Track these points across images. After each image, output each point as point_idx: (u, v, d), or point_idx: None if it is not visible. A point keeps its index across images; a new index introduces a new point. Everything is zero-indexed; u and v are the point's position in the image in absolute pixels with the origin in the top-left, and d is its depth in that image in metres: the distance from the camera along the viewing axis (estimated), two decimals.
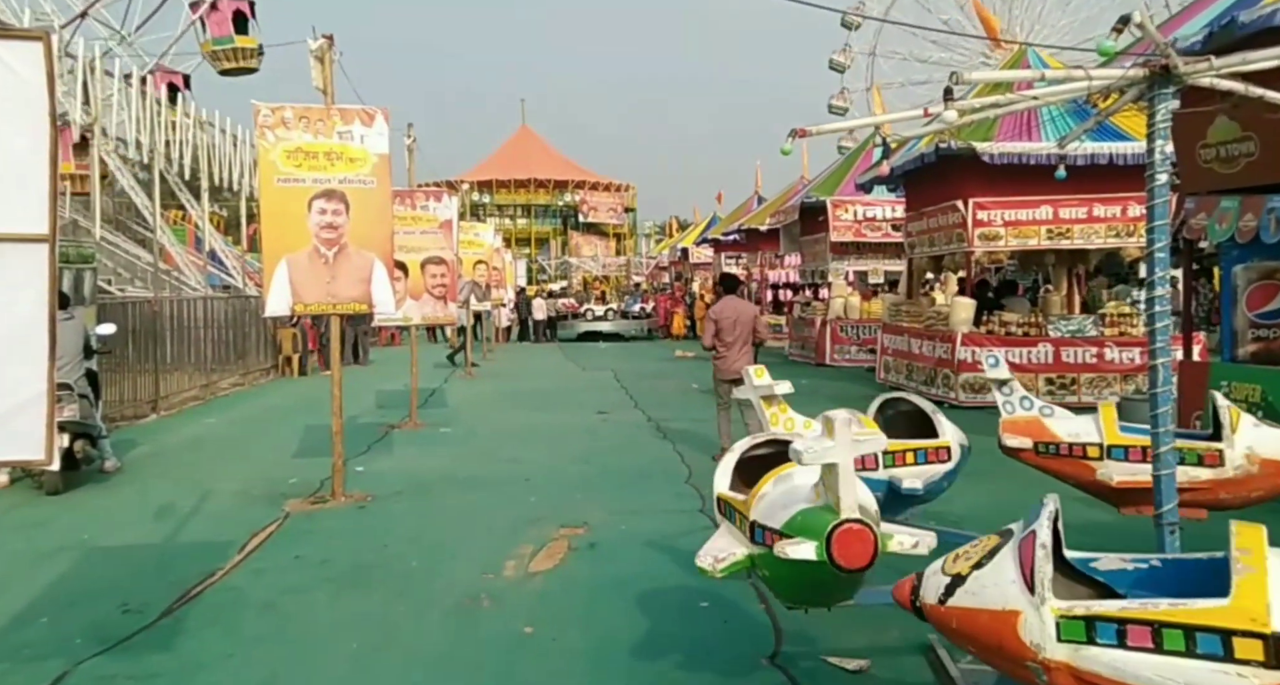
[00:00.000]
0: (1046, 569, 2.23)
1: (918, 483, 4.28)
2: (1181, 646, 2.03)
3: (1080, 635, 2.15)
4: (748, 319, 7.88)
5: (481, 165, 60.86)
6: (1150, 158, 3.43)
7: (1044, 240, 11.43)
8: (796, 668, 3.63)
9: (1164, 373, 3.49)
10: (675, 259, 37.00)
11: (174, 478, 7.54)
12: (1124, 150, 10.43)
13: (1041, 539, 2.27)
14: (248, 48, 26.83)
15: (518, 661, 3.79)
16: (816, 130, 4.00)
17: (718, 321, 7.88)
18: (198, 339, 13.22)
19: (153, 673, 3.70)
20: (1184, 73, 3.14)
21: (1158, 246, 3.49)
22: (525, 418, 10.86)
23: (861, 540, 2.54)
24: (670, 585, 4.66)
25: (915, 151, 11.40)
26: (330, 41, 6.90)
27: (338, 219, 6.57)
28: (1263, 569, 2.00)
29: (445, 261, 10.77)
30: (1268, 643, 1.92)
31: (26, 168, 2.60)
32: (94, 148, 18.41)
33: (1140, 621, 2.07)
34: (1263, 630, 1.94)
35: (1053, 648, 2.16)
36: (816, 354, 17.10)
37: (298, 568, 5.09)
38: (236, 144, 25.26)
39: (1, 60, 2.57)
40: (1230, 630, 1.97)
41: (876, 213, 16.97)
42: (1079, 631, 2.15)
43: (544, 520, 5.93)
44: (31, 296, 2.58)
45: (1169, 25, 5.59)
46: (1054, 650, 2.16)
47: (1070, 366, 10.88)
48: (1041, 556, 2.25)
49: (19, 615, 4.37)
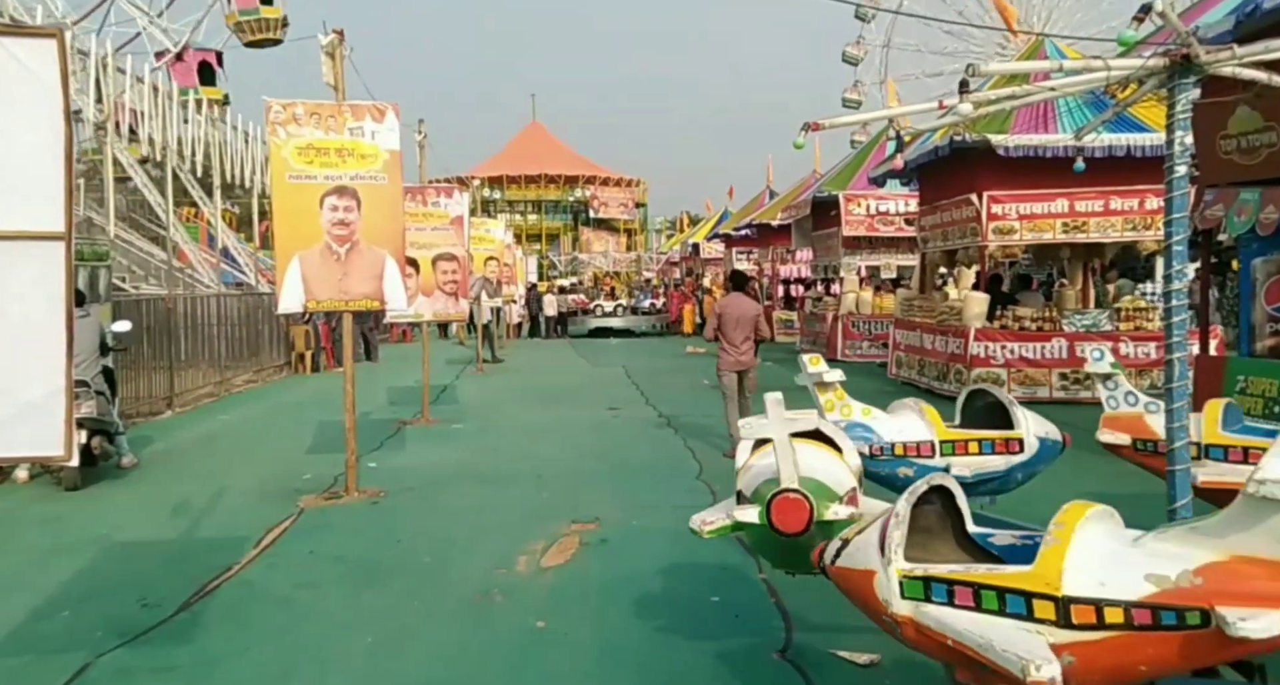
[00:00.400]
0: (895, 535, 2.51)
1: (966, 471, 4.25)
2: (995, 606, 2.31)
3: (920, 594, 2.43)
4: (751, 316, 8.05)
5: (492, 160, 60.90)
6: (1169, 149, 3.39)
7: (1059, 234, 11.30)
8: (807, 662, 3.62)
9: (1180, 367, 3.46)
10: (686, 254, 36.92)
11: (190, 474, 7.60)
12: (1142, 142, 10.31)
13: (897, 509, 2.55)
14: (273, 18, 27.01)
15: (530, 656, 3.80)
16: (829, 123, 3.97)
17: (721, 316, 8.07)
18: (212, 336, 13.30)
19: (171, 666, 3.73)
20: (1205, 62, 3.10)
21: (1176, 240, 3.45)
22: (537, 414, 10.88)
23: (796, 508, 2.85)
24: (681, 581, 4.66)
25: (929, 144, 11.31)
26: (341, 37, 6.90)
27: (349, 215, 6.58)
28: (1066, 542, 2.26)
29: (457, 258, 10.79)
30: (1058, 604, 2.19)
31: (41, 165, 2.62)
32: (107, 145, 18.54)
33: (964, 583, 2.36)
34: (1055, 593, 2.21)
35: (898, 604, 2.46)
36: (828, 349, 17.03)
37: (312, 563, 5.12)
38: (248, 141, 25.37)
39: (15, 57, 2.58)
40: (1031, 593, 2.25)
41: (889, 207, 16.86)
42: (918, 590, 2.43)
43: (555, 516, 5.94)
44: (48, 294, 2.60)
45: (1190, 14, 5.52)
46: (899, 606, 2.46)
47: (1085, 361, 10.78)
48: (893, 524, 2.53)
49: (41, 608, 4.42)
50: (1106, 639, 2.17)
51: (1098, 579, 2.20)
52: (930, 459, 4.24)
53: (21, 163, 2.60)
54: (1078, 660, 2.20)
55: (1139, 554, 2.23)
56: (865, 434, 4.31)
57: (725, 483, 3.69)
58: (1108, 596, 2.17)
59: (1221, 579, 2.08)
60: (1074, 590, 2.21)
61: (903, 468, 4.29)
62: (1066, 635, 2.20)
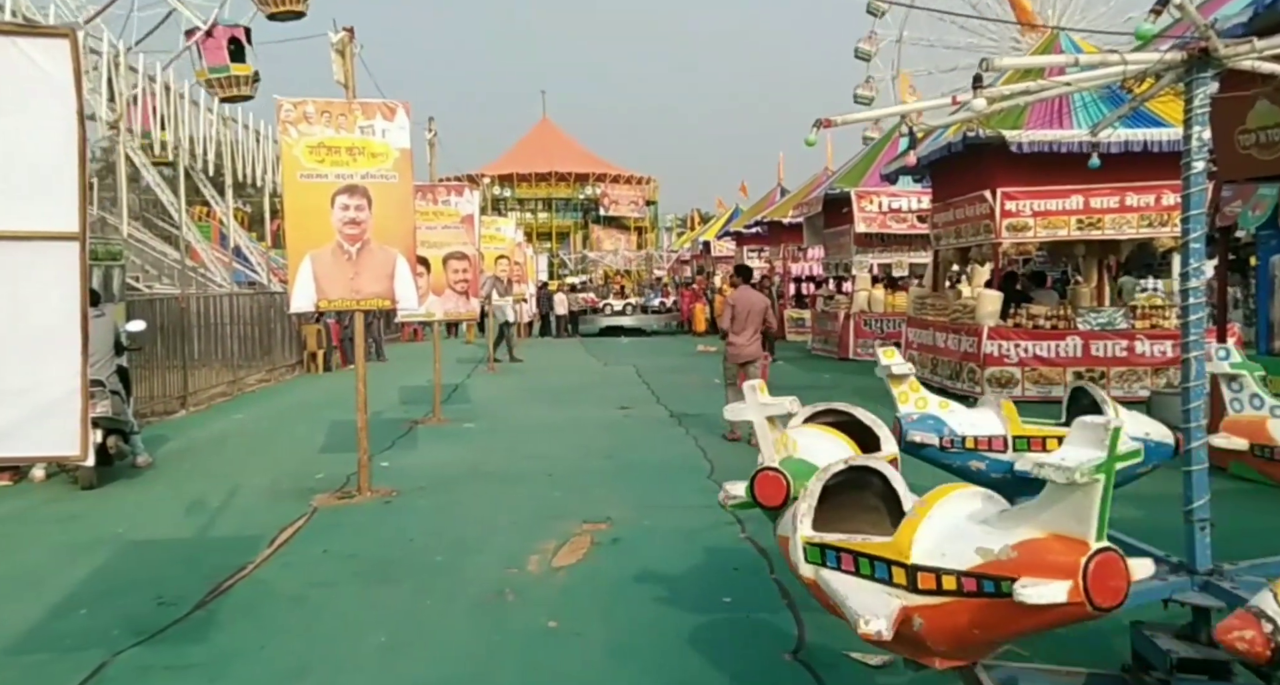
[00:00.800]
0: (802, 507, 2.80)
1: (1027, 465, 4.24)
2: (868, 571, 2.60)
3: (818, 559, 2.72)
4: (759, 309, 8.80)
5: (502, 159, 60.94)
6: (1187, 145, 3.34)
7: (1074, 231, 11.17)
8: (819, 663, 3.61)
9: (1198, 366, 3.41)
10: (697, 252, 36.87)
11: (204, 473, 7.65)
12: (1158, 137, 10.19)
13: (810, 486, 2.83)
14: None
15: (542, 655, 3.80)
16: (841, 120, 3.94)
17: (734, 307, 8.78)
18: (224, 335, 13.37)
19: (189, 663, 3.75)
20: (1224, 56, 3.05)
21: (1193, 237, 3.41)
22: (548, 413, 10.89)
23: (773, 484, 3.09)
24: (693, 581, 4.66)
25: (942, 141, 11.23)
26: (351, 35, 6.90)
27: (360, 214, 6.59)
28: (922, 517, 2.53)
29: (467, 257, 10.79)
30: (908, 571, 2.48)
31: (55, 165, 2.63)
32: (120, 145, 18.69)
33: (848, 551, 2.65)
34: (905, 561, 2.48)
35: (804, 567, 2.75)
36: (839, 348, 16.97)
37: (326, 562, 5.13)
38: (259, 139, 25.50)
39: (29, 57, 2.59)
40: (889, 560, 2.53)
41: (902, 204, 16.75)
42: (817, 556, 2.73)
43: (567, 515, 5.94)
44: (64, 293, 2.61)
45: (1208, 6, 5.45)
46: (804, 569, 2.75)
47: (1100, 360, 10.70)
48: (804, 497, 2.82)
49: (58, 606, 4.45)
50: (945, 604, 2.41)
51: (941, 550, 2.46)
52: (1002, 454, 4.23)
53: (36, 163, 2.61)
54: (925, 622, 2.45)
55: (979, 529, 2.45)
56: (937, 426, 4.35)
57: None
58: (945, 566, 2.41)
59: (1031, 553, 2.28)
60: (920, 559, 2.47)
61: (974, 461, 4.29)
62: (916, 599, 2.46)
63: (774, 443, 3.63)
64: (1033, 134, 10.59)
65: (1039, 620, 2.29)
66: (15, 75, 2.58)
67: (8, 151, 2.58)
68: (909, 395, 4.48)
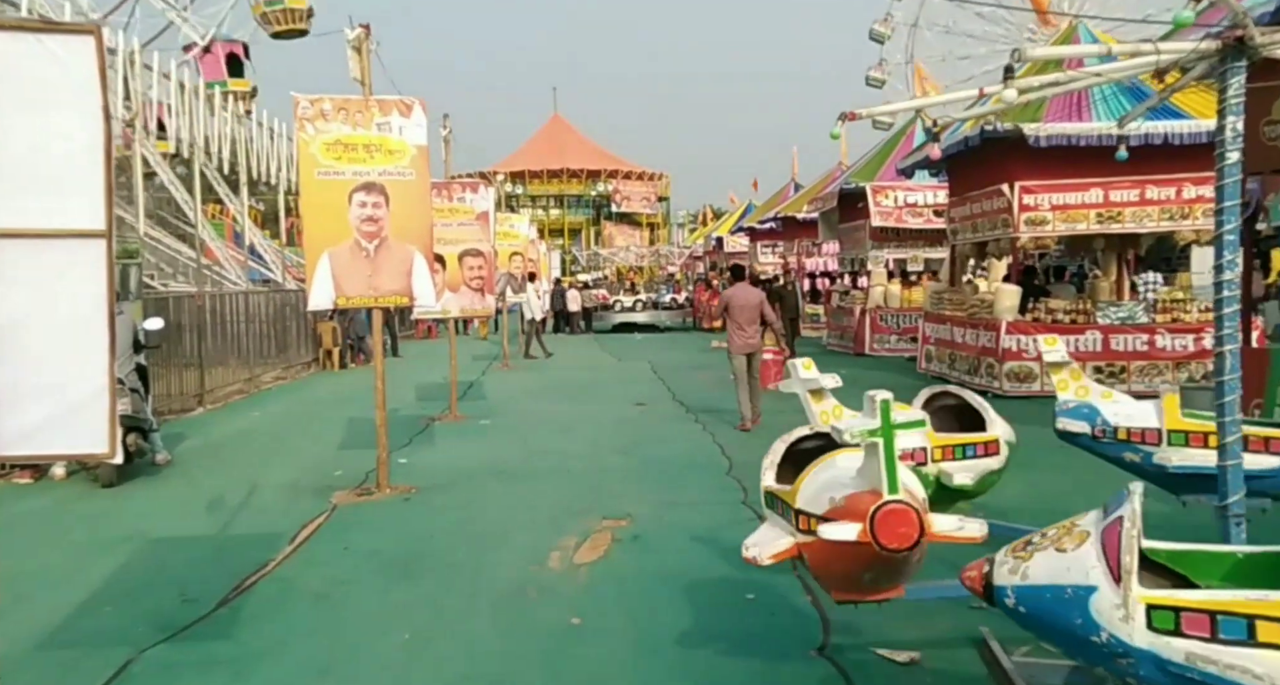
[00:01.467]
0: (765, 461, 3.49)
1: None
2: (780, 512, 3.21)
3: (771, 504, 3.39)
4: (756, 303, 9.07)
5: (514, 155, 60.96)
6: (1221, 135, 3.28)
7: (1093, 224, 11.04)
8: (845, 660, 3.58)
9: (1232, 360, 3.36)
10: (710, 248, 36.76)
11: (223, 470, 7.68)
12: (1179, 129, 10.06)
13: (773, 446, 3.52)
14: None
15: (568, 651, 3.79)
16: (866, 113, 3.91)
17: (728, 302, 9.21)
18: (240, 333, 13.44)
19: (214, 660, 3.76)
20: (1261, 44, 2.99)
21: (1227, 229, 3.35)
22: (564, 409, 10.88)
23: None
24: (715, 577, 4.63)
25: (959, 135, 11.13)
26: (367, 31, 6.89)
27: (378, 212, 6.59)
28: (811, 471, 3.08)
29: (482, 253, 10.80)
30: (794, 515, 3.04)
31: (82, 163, 2.62)
32: (135, 143, 18.77)
33: (777, 496, 3.22)
34: (792, 505, 3.06)
35: (765, 510, 3.41)
36: (855, 343, 16.88)
37: (347, 559, 5.14)
38: (274, 137, 25.56)
39: (53, 55, 2.58)
40: (786, 505, 3.13)
41: (918, 198, 16.63)
42: (770, 501, 3.36)
43: (587, 512, 5.93)
44: (92, 291, 2.61)
45: None
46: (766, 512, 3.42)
47: (1120, 354, 10.59)
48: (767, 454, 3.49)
49: (84, 604, 4.48)
50: (812, 542, 2.90)
51: (814, 497, 2.95)
52: (1156, 447, 4.18)
53: (63, 160, 2.61)
54: (808, 556, 2.99)
55: (839, 481, 2.90)
56: (1090, 415, 4.33)
57: (755, 479, 3.67)
58: (811, 510, 2.94)
59: (852, 502, 2.76)
60: (801, 504, 3.00)
61: (1128, 453, 4.26)
62: (801, 538, 3.01)
63: (818, 414, 4.07)
64: (1051, 127, 10.47)
65: (857, 556, 2.71)
66: (42, 73, 2.57)
67: (36, 149, 2.58)
68: (1069, 383, 4.47)
